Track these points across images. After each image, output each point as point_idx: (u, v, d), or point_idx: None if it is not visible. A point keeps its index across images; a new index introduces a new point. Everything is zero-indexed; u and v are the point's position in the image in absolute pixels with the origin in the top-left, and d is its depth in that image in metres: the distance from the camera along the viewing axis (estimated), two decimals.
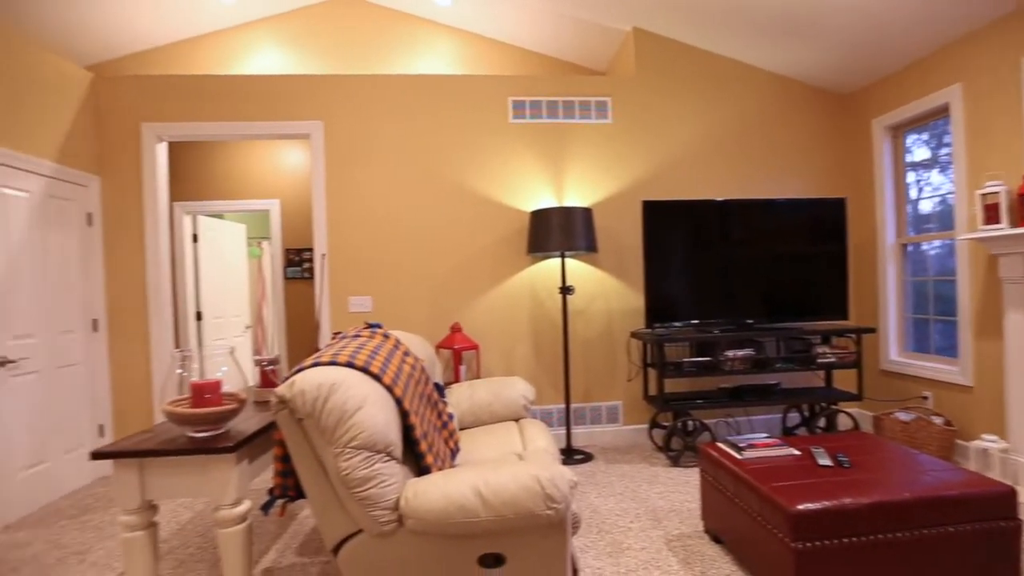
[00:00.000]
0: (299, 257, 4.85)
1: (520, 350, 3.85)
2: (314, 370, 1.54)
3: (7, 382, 2.87)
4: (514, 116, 3.85)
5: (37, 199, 3.10)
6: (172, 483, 1.72)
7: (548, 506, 1.47)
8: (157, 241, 3.57)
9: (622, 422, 3.91)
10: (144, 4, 3.79)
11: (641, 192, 3.94)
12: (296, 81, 3.71)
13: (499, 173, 3.84)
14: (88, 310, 3.46)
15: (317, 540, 2.55)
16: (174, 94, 3.64)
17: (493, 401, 2.85)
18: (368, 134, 3.75)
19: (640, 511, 2.74)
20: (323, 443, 1.50)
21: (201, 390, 1.72)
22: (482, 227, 3.82)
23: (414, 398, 1.83)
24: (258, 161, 4.87)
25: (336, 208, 3.72)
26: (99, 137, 3.59)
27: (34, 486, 3.02)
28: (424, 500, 1.49)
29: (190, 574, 2.28)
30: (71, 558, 2.46)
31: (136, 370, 3.61)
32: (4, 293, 2.86)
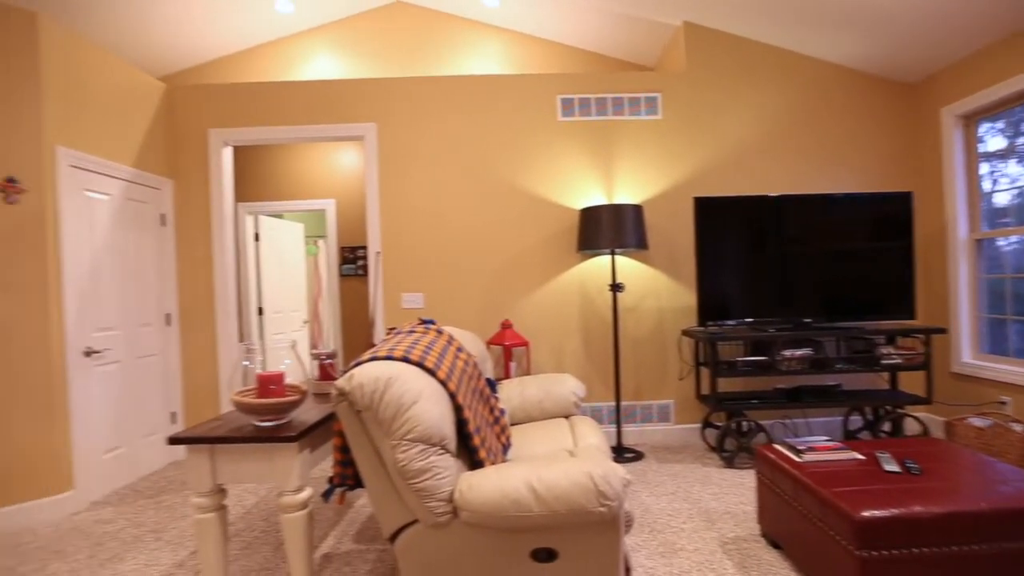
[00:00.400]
0: (353, 255, 5.01)
1: (570, 347, 3.84)
2: (372, 364, 1.60)
3: (93, 371, 3.11)
4: (563, 114, 3.84)
5: (117, 202, 3.34)
6: (240, 468, 1.82)
7: (601, 503, 1.47)
8: (223, 240, 3.77)
9: (673, 421, 3.84)
10: (210, 17, 4.00)
11: (692, 188, 3.85)
12: (350, 85, 3.83)
13: (548, 171, 3.84)
14: (162, 305, 3.70)
15: (373, 528, 2.63)
16: (238, 101, 3.83)
17: (544, 398, 2.86)
18: (420, 134, 3.83)
19: (693, 512, 2.69)
20: (381, 435, 1.56)
21: (266, 381, 1.81)
22: (532, 225, 3.84)
23: (467, 393, 1.86)
24: (315, 163, 5.06)
25: (389, 207, 3.82)
26: (171, 143, 3.83)
27: (115, 467, 3.26)
28: (478, 493, 1.52)
29: (255, 556, 2.40)
30: (148, 535, 2.64)
31: (204, 361, 3.83)
32: (90, 289, 3.10)
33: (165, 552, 2.47)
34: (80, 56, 3.09)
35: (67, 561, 2.41)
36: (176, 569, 2.31)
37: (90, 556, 2.45)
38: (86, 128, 3.12)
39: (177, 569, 2.31)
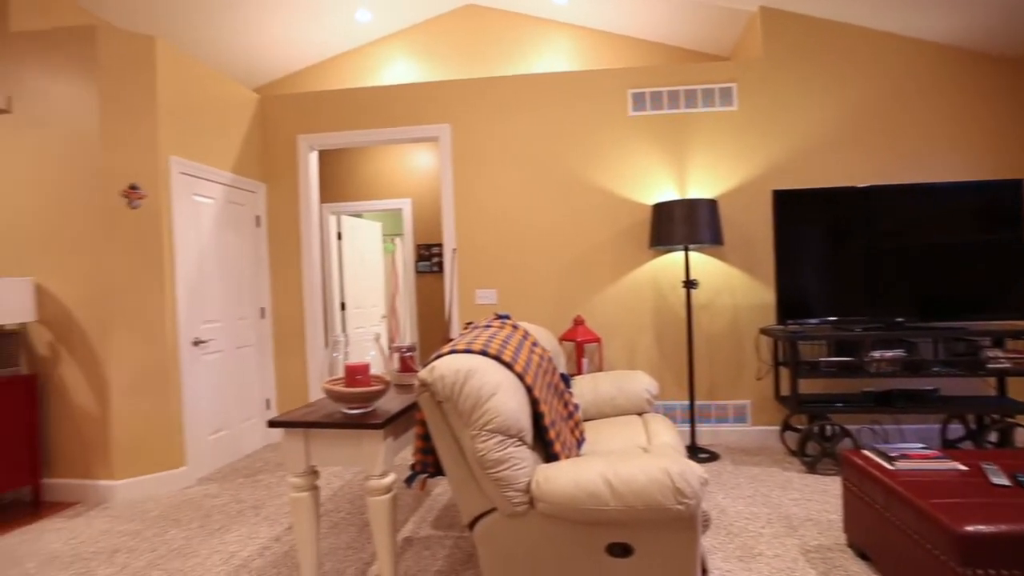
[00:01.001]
0: (429, 252, 5.20)
1: (643, 344, 3.80)
2: (452, 357, 1.67)
3: (200, 359, 3.43)
4: (634, 109, 3.79)
5: (219, 205, 3.66)
6: (330, 452, 1.96)
7: (678, 500, 1.46)
8: (310, 240, 4.04)
9: (750, 422, 3.71)
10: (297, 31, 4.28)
11: (771, 181, 3.68)
12: (425, 88, 3.97)
13: (620, 166, 3.81)
14: (257, 300, 4.02)
15: (449, 516, 2.74)
16: (322, 108, 4.07)
17: (616, 394, 2.85)
18: (492, 134, 3.91)
19: (772, 517, 2.60)
20: (461, 425, 1.63)
21: (353, 371, 1.94)
22: (604, 221, 3.82)
23: (543, 387, 1.91)
24: (392, 164, 5.29)
25: (463, 205, 3.93)
26: (264, 149, 4.14)
27: (219, 448, 3.58)
28: (554, 485, 1.55)
29: (342, 535, 2.57)
30: (248, 511, 2.89)
31: (293, 352, 4.12)
32: (197, 285, 3.42)
33: (263, 526, 2.69)
34: (188, 73, 3.41)
35: (182, 528, 2.69)
36: (273, 543, 2.52)
37: (200, 526, 2.72)
38: (193, 138, 3.44)
39: (274, 543, 2.52)
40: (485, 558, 1.71)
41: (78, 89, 3.04)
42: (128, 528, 2.71)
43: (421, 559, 2.32)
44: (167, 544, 2.53)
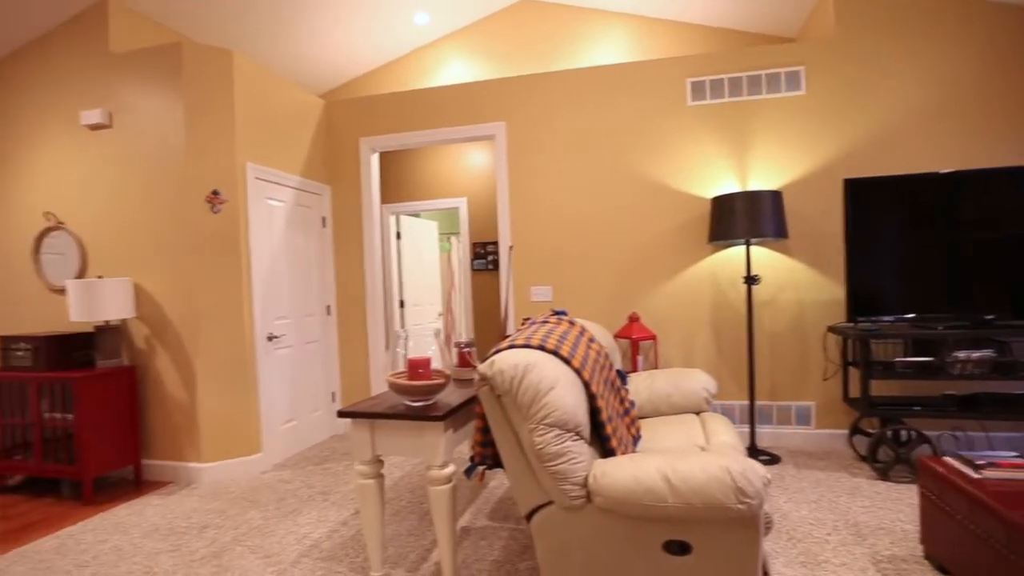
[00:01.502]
0: (484, 250, 5.29)
1: (700, 341, 3.72)
2: (511, 351, 1.72)
3: (273, 353, 3.66)
4: (693, 98, 3.70)
5: (289, 207, 3.88)
6: (394, 442, 2.06)
7: (739, 500, 1.45)
8: (372, 239, 4.21)
9: (814, 425, 3.56)
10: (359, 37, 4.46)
11: (842, 170, 3.50)
12: (480, 87, 4.04)
13: (677, 159, 3.74)
14: (323, 297, 4.23)
15: (505, 508, 2.80)
16: (383, 111, 4.22)
17: (673, 392, 2.82)
18: (547, 130, 3.93)
19: (839, 524, 2.49)
20: (519, 418, 1.67)
21: (415, 365, 2.02)
22: (660, 215, 3.76)
23: (600, 383, 1.92)
24: (448, 163, 5.41)
25: (518, 202, 3.97)
26: (329, 152, 4.34)
27: (290, 436, 3.81)
28: (612, 480, 1.57)
29: (403, 522, 2.68)
30: (318, 496, 3.07)
31: (356, 347, 4.31)
32: (270, 284, 3.65)
33: (332, 511, 2.85)
34: (261, 83, 3.63)
35: (260, 509, 2.89)
36: (341, 526, 2.67)
37: (276, 508, 2.91)
38: (266, 145, 3.66)
39: (342, 526, 2.67)
40: (542, 550, 1.75)
41: (167, 103, 3.31)
42: (214, 507, 2.94)
43: (478, 548, 2.39)
44: (248, 523, 2.73)
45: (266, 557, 2.38)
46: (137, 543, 2.55)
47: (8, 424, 3.29)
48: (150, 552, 2.46)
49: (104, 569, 2.33)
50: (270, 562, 2.34)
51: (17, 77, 3.69)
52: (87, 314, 3.10)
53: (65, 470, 3.11)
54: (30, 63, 3.65)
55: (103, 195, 3.48)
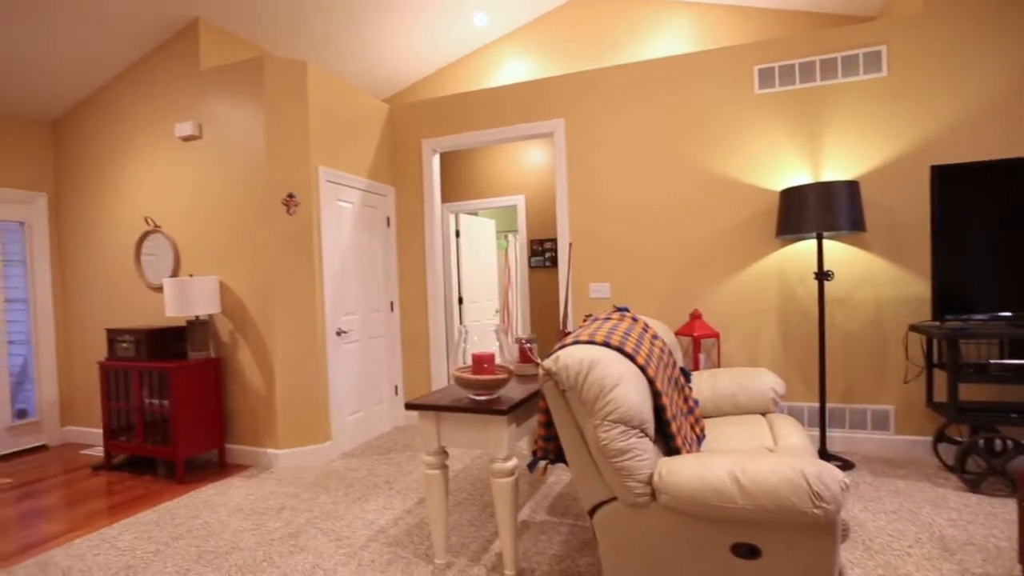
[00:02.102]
0: (541, 247, 5.31)
1: (765, 340, 3.59)
2: (575, 347, 1.73)
3: (342, 347, 3.84)
4: (760, 86, 3.56)
5: (357, 208, 4.05)
6: (459, 434, 2.12)
7: (815, 504, 1.40)
8: (433, 238, 4.33)
9: (893, 430, 3.35)
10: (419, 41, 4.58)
11: (928, 156, 3.27)
12: (539, 85, 4.05)
13: (743, 150, 3.61)
14: (387, 294, 4.39)
15: (564, 503, 2.82)
16: (443, 112, 4.32)
17: (737, 392, 2.74)
18: (606, 125, 3.90)
19: (923, 537, 2.35)
20: (583, 414, 1.69)
21: (480, 360, 2.07)
22: (724, 209, 3.66)
23: (664, 380, 1.90)
24: (506, 162, 5.47)
25: (577, 199, 3.97)
26: (393, 154, 4.49)
27: (357, 427, 3.98)
28: (678, 479, 1.56)
29: (465, 513, 2.76)
30: (383, 484, 3.20)
31: (418, 343, 4.45)
32: (340, 281, 3.83)
33: (397, 499, 2.97)
34: (331, 90, 3.81)
35: (330, 495, 3.05)
36: (405, 514, 2.77)
37: (345, 494, 3.06)
38: (336, 149, 3.84)
39: (406, 514, 2.77)
40: (604, 546, 1.75)
41: (249, 113, 3.54)
42: (289, 491, 3.13)
43: (538, 542, 2.42)
44: (320, 507, 2.89)
45: (337, 539, 2.52)
46: (223, 520, 2.76)
47: (115, 407, 3.63)
48: (235, 529, 2.66)
49: (197, 542, 2.54)
50: (341, 544, 2.47)
51: (121, 97, 4.05)
52: (180, 309, 3.37)
53: (161, 451, 3.40)
54: (132, 83, 4.00)
55: (193, 200, 3.76)
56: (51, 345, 4.32)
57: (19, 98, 3.98)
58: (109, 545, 2.54)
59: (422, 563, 2.28)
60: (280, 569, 2.27)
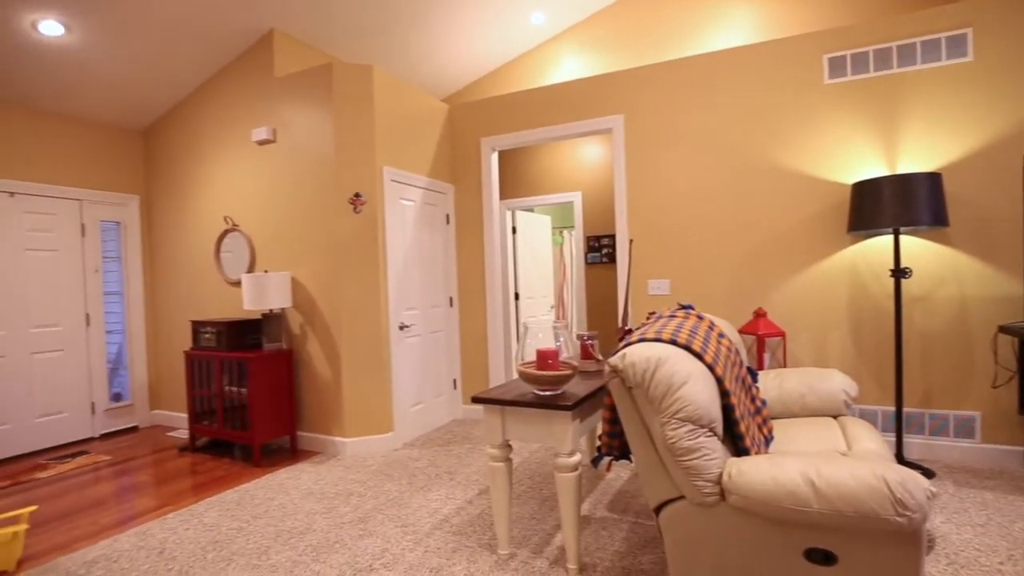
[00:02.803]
0: (598, 243, 5.29)
1: (835, 340, 3.44)
2: (642, 345, 1.73)
3: (404, 341, 3.97)
4: (831, 76, 3.41)
5: (418, 206, 4.17)
6: (523, 429, 2.16)
7: (898, 512, 1.35)
8: (492, 235, 4.40)
9: (979, 438, 3.14)
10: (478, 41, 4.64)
11: (1020, 146, 3.04)
12: (597, 81, 4.03)
13: (812, 143, 3.47)
14: (446, 290, 4.50)
15: (624, 501, 2.82)
16: (501, 110, 4.38)
17: (806, 393, 2.65)
18: (667, 120, 3.84)
19: (1015, 553, 2.20)
20: (650, 411, 1.69)
21: (544, 356, 2.11)
22: (791, 204, 3.53)
23: (731, 380, 1.88)
24: (563, 158, 5.47)
25: (636, 195, 3.93)
26: (452, 153, 4.59)
27: (418, 419, 4.11)
28: (748, 479, 1.54)
29: (525, 506, 2.80)
30: (444, 475, 3.29)
31: (475, 338, 4.53)
32: (402, 277, 3.96)
33: (458, 490, 3.05)
34: (395, 92, 3.93)
35: (394, 483, 3.18)
36: (467, 504, 2.85)
37: (408, 483, 3.18)
38: (399, 149, 3.97)
39: (468, 504, 2.85)
40: (671, 544, 1.75)
41: (319, 117, 3.71)
42: (356, 477, 3.28)
43: (599, 538, 2.44)
44: (385, 494, 3.01)
45: (403, 526, 2.62)
46: (297, 503, 2.93)
47: (199, 394, 3.91)
48: (308, 512, 2.82)
49: (274, 522, 2.71)
50: (407, 531, 2.57)
51: (203, 105, 4.34)
52: (256, 303, 3.59)
53: (240, 436, 3.64)
54: (213, 93, 4.27)
55: (268, 200, 3.99)
56: (142, 334, 4.70)
57: (117, 110, 4.33)
58: (197, 521, 2.75)
59: (485, 553, 2.34)
60: (351, 551, 2.40)
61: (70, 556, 2.44)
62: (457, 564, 2.25)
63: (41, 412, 4.08)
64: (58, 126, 4.20)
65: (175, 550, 2.45)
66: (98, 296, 4.43)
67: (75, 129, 4.31)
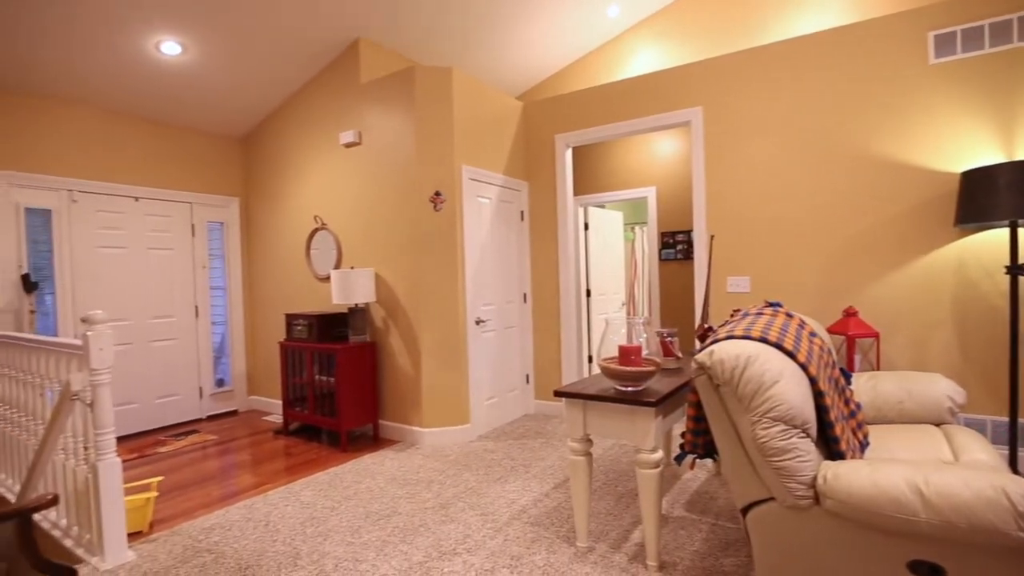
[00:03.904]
0: (673, 239, 5.18)
1: (937, 341, 3.19)
2: (729, 342, 1.71)
3: (480, 336, 4.09)
4: (937, 55, 3.15)
5: (494, 204, 4.27)
6: (604, 424, 2.18)
7: (1021, 527, 1.26)
8: (566, 231, 4.42)
9: None
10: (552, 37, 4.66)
11: None
12: (673, 73, 3.95)
13: (913, 130, 3.23)
14: (520, 286, 4.57)
15: (703, 502, 2.77)
16: (575, 106, 4.38)
17: (905, 398, 2.49)
18: (749, 111, 3.70)
19: None
20: (739, 410, 1.66)
21: (627, 352, 2.11)
22: (887, 196, 3.30)
23: (825, 380, 1.81)
24: (637, 153, 5.39)
25: (715, 190, 3.82)
26: (527, 150, 4.65)
27: (492, 412, 4.22)
28: (847, 484, 1.48)
29: (601, 502, 2.82)
30: (519, 467, 3.37)
31: (548, 333, 4.58)
32: (479, 273, 4.07)
33: (534, 482, 3.11)
34: (472, 93, 4.04)
35: (472, 473, 3.29)
36: (544, 497, 2.90)
37: (485, 473, 3.28)
38: (476, 147, 4.08)
39: (544, 497, 2.90)
40: (759, 547, 1.72)
41: (402, 119, 3.88)
42: (435, 466, 3.42)
43: (678, 537, 2.42)
44: (464, 483, 3.13)
45: (483, 515, 2.71)
46: (382, 487, 3.10)
47: (292, 382, 4.22)
48: (393, 496, 2.97)
49: (363, 504, 2.89)
50: (487, 520, 2.66)
51: (296, 112, 4.65)
52: (344, 298, 3.82)
53: (328, 422, 3.89)
54: (305, 100, 4.57)
55: (353, 200, 4.22)
56: (241, 326, 5.11)
57: (221, 120, 4.74)
58: (294, 498, 2.98)
59: (564, 544, 2.38)
60: (435, 535, 2.51)
61: (191, 523, 2.72)
62: (537, 554, 2.31)
63: (159, 394, 4.55)
64: (173, 136, 4.65)
65: (278, 523, 2.68)
66: (205, 290, 4.87)
67: (186, 138, 4.75)
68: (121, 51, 3.62)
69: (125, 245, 4.35)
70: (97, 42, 3.50)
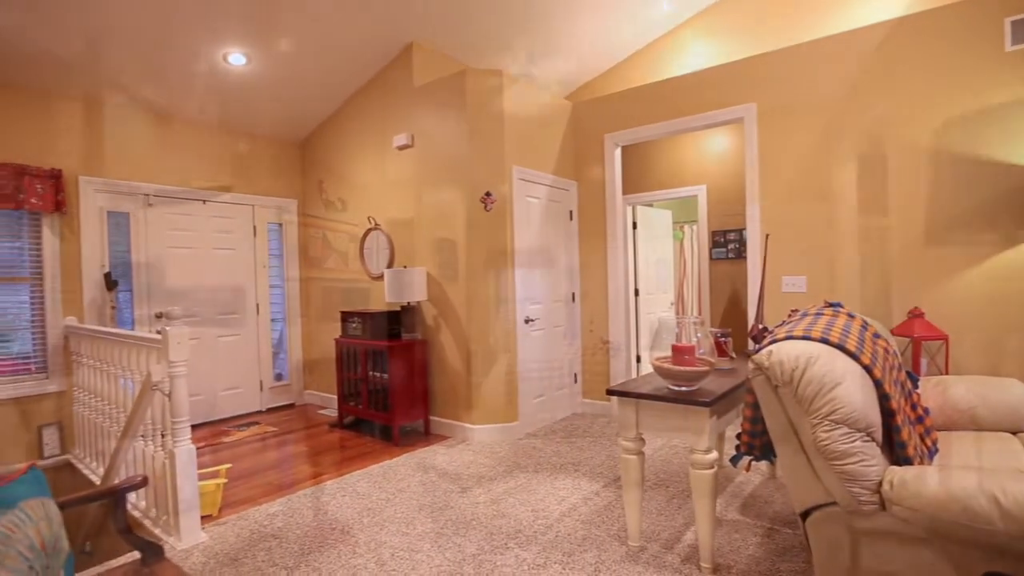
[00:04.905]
0: (724, 238, 5.07)
1: (1014, 346, 3.01)
2: (789, 343, 1.68)
3: (529, 334, 4.13)
4: (1014, 42, 2.97)
5: (543, 203, 4.30)
6: (657, 423, 2.18)
7: None
8: (615, 231, 4.41)
9: None
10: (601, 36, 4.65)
11: None
12: (725, 69, 3.87)
13: (986, 122, 3.06)
14: (569, 285, 4.59)
15: (757, 505, 2.72)
16: (624, 105, 4.36)
17: (977, 404, 2.37)
18: (805, 106, 3.58)
19: None
20: (799, 412, 1.63)
21: (681, 351, 2.10)
22: (956, 192, 3.14)
23: (891, 383, 1.75)
24: (687, 151, 5.31)
25: (769, 188, 3.72)
26: (575, 150, 4.66)
27: (540, 410, 4.25)
28: (917, 490, 1.44)
29: (652, 502, 2.81)
30: (568, 465, 3.38)
31: (596, 333, 4.57)
32: (528, 272, 4.11)
33: (584, 481, 3.13)
34: (522, 94, 4.09)
35: (522, 470, 3.33)
36: (594, 495, 2.92)
37: (535, 471, 3.31)
38: (526, 148, 4.12)
39: (594, 496, 2.91)
40: (820, 552, 1.68)
41: (454, 122, 3.97)
42: (485, 462, 3.49)
43: (732, 540, 2.38)
44: (514, 480, 3.17)
45: (534, 511, 2.75)
46: (434, 481, 3.19)
47: (347, 377, 4.38)
48: (445, 490, 3.05)
49: (416, 496, 2.98)
50: (538, 515, 2.70)
51: (351, 116, 4.83)
52: (396, 296, 3.94)
53: (381, 416, 4.02)
54: (360, 104, 4.74)
55: (406, 201, 4.34)
56: (298, 323, 5.34)
57: (281, 125, 4.98)
58: (351, 489, 3.10)
59: (615, 543, 2.39)
60: (487, 528, 2.57)
61: (256, 508, 2.88)
62: (588, 552, 2.33)
63: (224, 387, 4.82)
64: (237, 141, 4.91)
65: (337, 512, 2.80)
66: (265, 288, 5.12)
67: (250, 143, 5.00)
68: (193, 63, 3.86)
69: (193, 246, 4.63)
70: (175, 55, 3.75)
